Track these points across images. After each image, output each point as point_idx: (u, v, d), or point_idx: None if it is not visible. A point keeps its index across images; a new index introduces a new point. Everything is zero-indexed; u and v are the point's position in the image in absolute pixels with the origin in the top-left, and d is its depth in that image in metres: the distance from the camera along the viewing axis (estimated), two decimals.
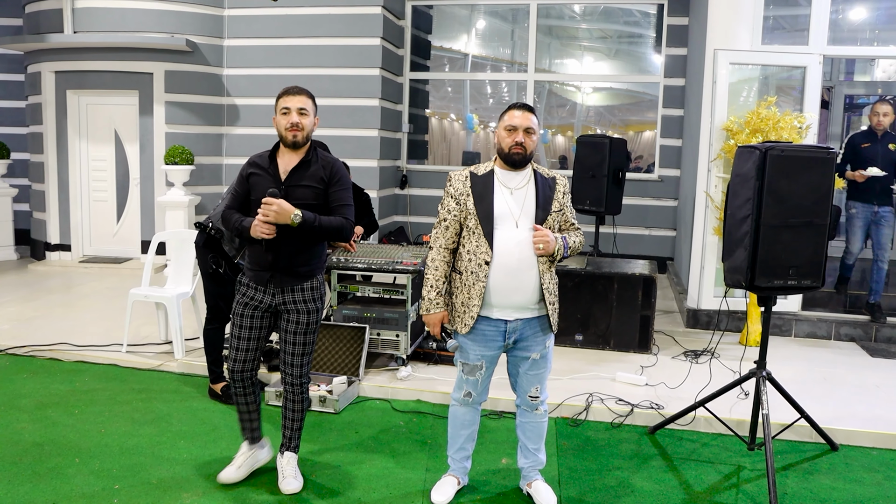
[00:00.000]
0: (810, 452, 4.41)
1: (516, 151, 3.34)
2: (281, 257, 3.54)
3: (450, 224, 3.42)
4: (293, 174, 3.56)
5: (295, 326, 3.64)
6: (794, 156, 3.87)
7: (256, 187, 3.57)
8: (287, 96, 3.56)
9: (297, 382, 3.73)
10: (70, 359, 5.81)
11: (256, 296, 3.62)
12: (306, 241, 3.57)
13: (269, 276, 3.57)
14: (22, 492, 3.66)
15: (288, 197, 3.47)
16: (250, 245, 3.61)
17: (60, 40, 9.19)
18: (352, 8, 9.34)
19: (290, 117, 3.52)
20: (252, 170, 3.62)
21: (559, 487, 3.84)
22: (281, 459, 3.82)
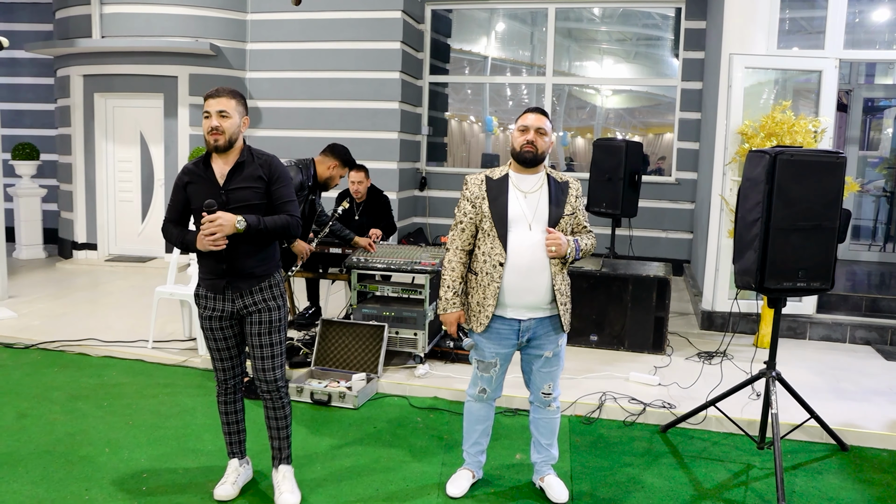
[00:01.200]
0: (820, 453, 4.48)
1: (527, 150, 3.45)
2: (234, 263, 3.44)
3: (466, 226, 3.55)
4: (230, 177, 3.42)
5: (259, 327, 3.52)
6: (804, 160, 3.96)
7: (195, 195, 3.43)
8: (208, 99, 3.39)
9: (275, 388, 3.60)
10: (98, 354, 5.99)
11: (217, 305, 3.50)
12: (256, 244, 3.47)
13: (224, 283, 3.46)
14: (56, 478, 3.83)
15: (229, 201, 3.38)
16: (200, 256, 3.49)
17: (89, 45, 9.41)
18: (372, 12, 9.49)
19: (210, 121, 3.36)
20: (188, 178, 3.46)
21: (571, 482, 3.94)
22: (276, 474, 3.70)
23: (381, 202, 6.94)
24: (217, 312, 3.51)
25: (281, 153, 5.13)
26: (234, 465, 3.76)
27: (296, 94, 9.80)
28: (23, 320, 6.83)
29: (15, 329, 6.51)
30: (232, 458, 3.78)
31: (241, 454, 3.79)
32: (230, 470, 3.75)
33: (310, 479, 3.90)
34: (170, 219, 3.54)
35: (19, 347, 6.11)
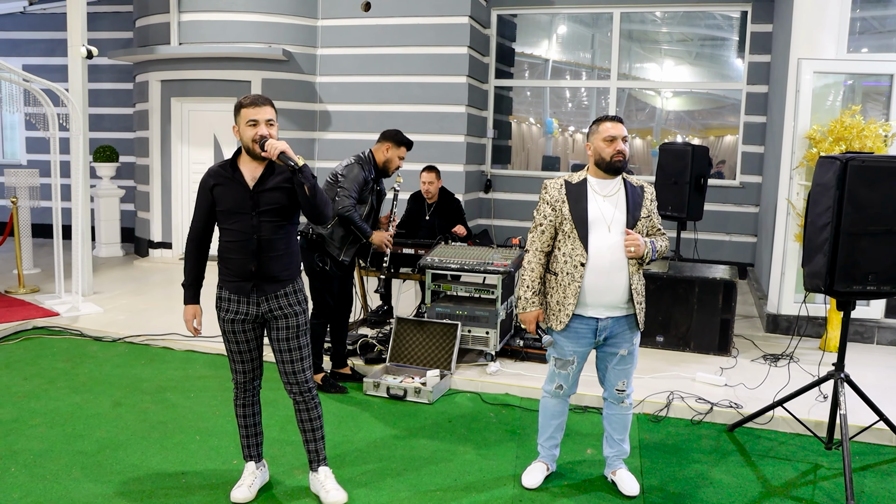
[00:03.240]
0: (889, 455, 4.52)
1: (618, 159, 3.61)
2: (263, 266, 3.50)
3: (546, 228, 3.71)
4: (263, 180, 3.48)
5: (286, 332, 3.59)
6: (875, 166, 4.01)
7: (223, 198, 3.48)
8: (253, 108, 3.43)
9: (306, 389, 3.67)
10: (181, 348, 6.31)
11: (241, 308, 3.56)
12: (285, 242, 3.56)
13: (251, 285, 3.52)
14: (153, 462, 4.11)
15: (259, 203, 3.46)
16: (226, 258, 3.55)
17: (167, 51, 9.83)
18: (440, 18, 9.68)
19: (259, 129, 3.41)
20: (215, 181, 3.50)
21: (641, 477, 4.07)
22: (317, 476, 3.76)
23: (454, 205, 7.10)
24: (241, 315, 3.56)
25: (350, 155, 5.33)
26: (251, 468, 3.81)
27: (364, 98, 10.06)
28: (108, 315, 7.21)
29: (102, 323, 6.88)
30: (249, 462, 3.82)
31: (258, 457, 3.84)
32: (247, 473, 3.79)
33: (390, 471, 4.09)
34: (195, 227, 3.59)
35: (108, 341, 6.47)
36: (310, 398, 3.70)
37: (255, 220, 3.48)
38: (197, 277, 3.66)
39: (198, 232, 3.61)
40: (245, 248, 3.50)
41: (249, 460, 3.84)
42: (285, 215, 3.55)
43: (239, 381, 3.74)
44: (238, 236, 3.50)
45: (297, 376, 3.66)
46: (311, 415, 3.72)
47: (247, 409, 3.79)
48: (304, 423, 3.74)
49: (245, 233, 3.48)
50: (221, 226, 3.56)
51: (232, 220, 3.50)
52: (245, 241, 3.50)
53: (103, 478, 3.90)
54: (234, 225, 3.50)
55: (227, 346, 3.69)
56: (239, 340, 3.63)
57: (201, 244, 3.64)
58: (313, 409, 3.72)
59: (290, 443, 4.43)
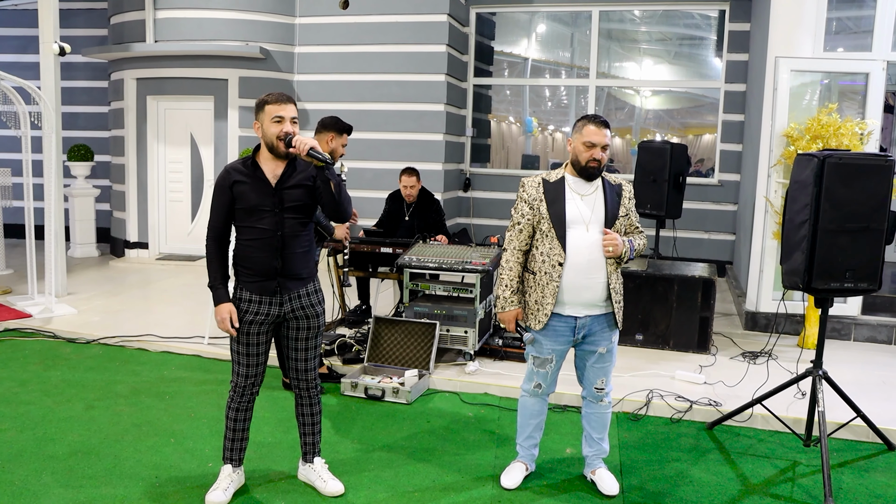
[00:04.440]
0: (866, 451, 4.53)
1: (593, 166, 3.60)
2: (286, 262, 3.51)
3: (523, 227, 3.68)
4: (285, 177, 3.49)
5: (306, 332, 3.63)
6: (852, 163, 4.01)
7: (244, 196, 3.48)
8: (279, 104, 3.45)
9: (314, 386, 3.75)
10: (156, 349, 6.22)
11: (262, 309, 3.53)
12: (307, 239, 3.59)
13: (276, 284, 3.52)
14: (127, 466, 4.03)
15: (283, 200, 3.47)
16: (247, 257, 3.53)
17: (143, 49, 9.72)
18: (418, 16, 9.64)
19: (284, 126, 3.43)
20: (236, 177, 3.49)
21: (621, 476, 4.05)
22: (312, 467, 3.83)
23: (433, 206, 7.07)
24: (261, 317, 3.54)
25: None
26: (228, 470, 3.74)
27: (343, 97, 9.99)
28: (82, 316, 7.11)
29: (76, 325, 6.78)
30: (227, 464, 3.76)
31: (238, 461, 3.78)
32: (223, 476, 3.73)
33: (369, 471, 4.05)
34: (215, 226, 3.55)
35: (81, 342, 6.37)
36: (315, 394, 3.78)
37: (279, 218, 3.49)
38: (224, 276, 3.61)
39: (218, 230, 3.57)
40: (269, 245, 3.49)
41: (228, 463, 3.78)
42: (307, 213, 3.58)
43: (239, 384, 3.67)
44: (260, 234, 3.50)
45: (309, 374, 3.72)
46: (314, 409, 3.80)
47: (240, 414, 3.72)
48: (306, 416, 3.81)
49: (269, 230, 3.48)
50: (242, 224, 3.53)
51: (254, 218, 3.49)
52: (269, 239, 3.49)
53: (74, 483, 3.82)
54: (255, 223, 3.50)
55: (235, 348, 3.63)
56: (251, 343, 3.60)
57: (222, 243, 3.61)
58: (316, 403, 3.80)
59: (270, 445, 4.37)
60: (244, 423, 3.74)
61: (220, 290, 3.55)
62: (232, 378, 3.70)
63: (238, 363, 3.64)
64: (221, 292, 3.56)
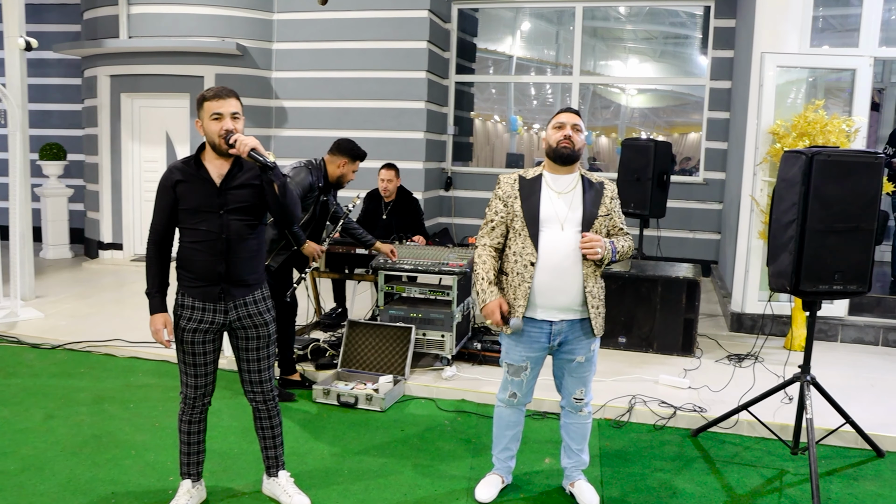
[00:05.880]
0: (855, 458, 4.39)
1: (564, 145, 3.40)
2: (231, 266, 3.30)
3: (496, 225, 3.50)
4: (230, 177, 3.30)
5: (256, 342, 3.45)
6: (841, 161, 3.87)
7: (187, 196, 3.27)
8: (217, 100, 3.22)
9: (270, 398, 3.56)
10: (124, 355, 6.01)
11: (206, 317, 3.33)
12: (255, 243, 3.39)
13: (219, 290, 3.31)
14: (82, 481, 3.82)
15: (227, 201, 3.27)
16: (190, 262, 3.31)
17: (116, 45, 9.47)
18: (398, 12, 9.45)
19: (223, 123, 3.21)
20: (179, 177, 3.28)
21: (602, 488, 3.88)
22: (276, 481, 3.67)
23: (412, 205, 6.90)
24: (204, 325, 3.34)
25: (306, 153, 5.08)
26: (187, 486, 3.58)
27: (321, 94, 9.79)
28: (49, 320, 6.87)
29: (42, 329, 6.55)
30: (185, 479, 3.58)
31: (196, 476, 3.61)
32: (182, 492, 3.56)
33: (338, 484, 3.87)
34: (156, 228, 3.34)
35: (46, 348, 6.14)
36: (273, 405, 3.59)
37: (224, 219, 3.28)
38: (162, 283, 3.38)
39: (159, 233, 3.35)
40: (212, 248, 3.28)
41: (187, 478, 3.59)
42: (254, 214, 3.36)
43: (189, 395, 3.47)
44: (204, 236, 3.28)
45: (264, 385, 3.53)
46: (273, 422, 3.62)
47: (192, 426, 3.53)
48: (266, 429, 3.62)
49: (212, 232, 3.27)
50: (185, 226, 3.31)
51: (197, 219, 3.28)
52: (212, 242, 3.28)
53: (24, 500, 3.60)
54: (199, 224, 3.28)
55: (180, 358, 3.42)
56: (197, 353, 3.38)
57: (164, 246, 3.38)
58: (274, 416, 3.61)
59: (234, 456, 4.19)
60: (199, 436, 3.56)
61: (155, 299, 3.35)
62: (181, 389, 3.49)
63: (185, 374, 3.44)
64: (156, 301, 3.35)
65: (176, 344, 3.41)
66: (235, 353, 3.50)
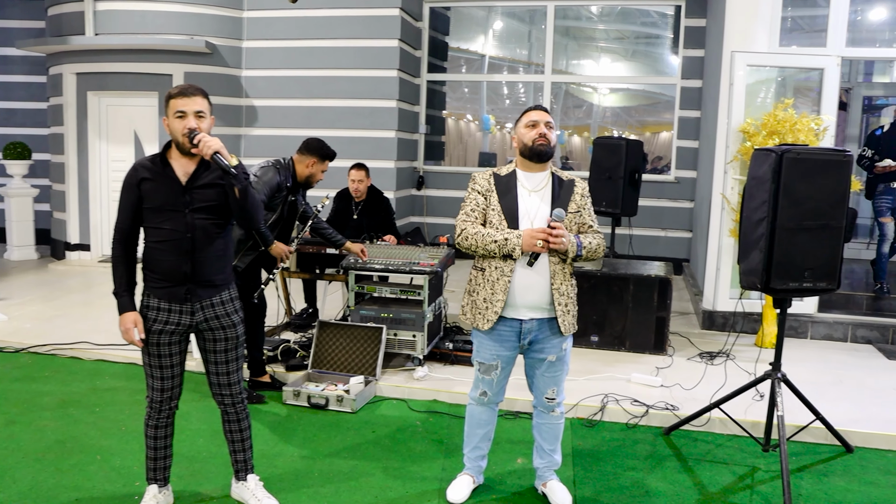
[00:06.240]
0: (825, 454, 4.42)
1: (540, 143, 3.38)
2: (196, 266, 3.24)
3: (478, 215, 3.44)
4: (196, 176, 3.23)
5: (224, 344, 3.38)
6: (811, 159, 3.89)
7: (152, 194, 3.20)
8: (181, 98, 3.15)
9: (239, 400, 3.50)
10: (91, 357, 5.89)
11: (172, 318, 3.26)
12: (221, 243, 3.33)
13: (184, 290, 3.25)
14: (45, 488, 3.73)
15: (193, 200, 3.21)
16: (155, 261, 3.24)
17: (82, 42, 9.31)
18: (369, 10, 9.41)
19: (187, 121, 3.13)
20: (144, 174, 3.21)
21: (574, 487, 3.86)
22: (245, 485, 3.60)
23: (383, 205, 6.84)
24: (171, 326, 3.26)
25: (277, 152, 5.01)
26: (153, 491, 3.50)
27: (292, 93, 9.71)
28: (13, 323, 6.72)
29: (5, 332, 6.40)
30: (152, 484, 3.50)
31: (163, 481, 3.53)
32: (147, 497, 3.48)
33: (308, 487, 3.82)
34: (121, 227, 3.26)
35: (9, 351, 6.00)
36: (242, 408, 3.52)
37: (189, 219, 3.21)
38: (129, 282, 3.29)
39: (124, 232, 3.27)
40: (177, 248, 3.21)
41: (153, 483, 3.51)
42: (221, 214, 3.28)
43: (155, 399, 3.39)
44: (170, 235, 3.21)
45: (232, 388, 3.47)
46: (242, 425, 3.55)
47: (159, 431, 3.45)
48: (234, 433, 3.56)
49: (177, 231, 3.20)
50: (150, 225, 3.24)
51: (162, 218, 3.21)
52: (177, 241, 3.21)
53: None
54: (165, 223, 3.21)
55: (146, 361, 3.34)
56: (162, 354, 3.30)
57: (130, 245, 3.30)
58: (243, 419, 3.54)
59: (202, 460, 4.11)
60: (166, 441, 3.48)
61: (123, 299, 3.26)
62: (147, 393, 3.41)
63: (151, 376, 3.35)
64: (125, 300, 3.26)
65: (143, 345, 3.33)
66: (203, 354, 3.42)
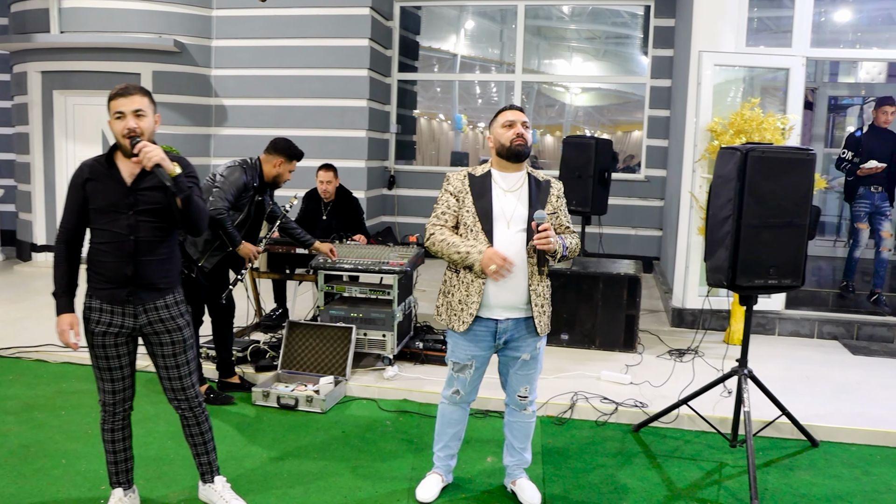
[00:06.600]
0: (791, 449, 4.48)
1: (518, 143, 3.37)
2: (139, 269, 3.18)
3: (449, 218, 3.43)
4: (142, 178, 3.15)
5: (171, 348, 3.32)
6: (775, 157, 3.94)
7: (97, 195, 3.15)
8: (119, 98, 3.08)
9: (196, 404, 3.43)
10: (56, 360, 5.80)
11: (115, 320, 3.20)
12: (167, 246, 3.27)
13: (126, 293, 3.19)
14: (7, 493, 3.67)
15: (137, 202, 3.14)
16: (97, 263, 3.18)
17: (46, 40, 9.18)
18: (340, 9, 9.37)
19: (126, 122, 3.07)
20: (88, 175, 3.17)
21: (543, 485, 3.87)
22: (212, 487, 3.57)
23: (352, 205, 6.81)
24: (114, 328, 3.21)
25: (247, 152, 4.98)
26: (119, 494, 3.45)
27: (262, 92, 9.65)
28: None
29: None
30: (116, 488, 3.46)
31: (127, 483, 3.48)
32: (114, 500, 3.45)
33: (277, 488, 3.79)
34: (66, 227, 3.21)
35: None
36: (199, 412, 3.46)
37: (133, 220, 3.15)
38: (70, 283, 3.25)
39: (69, 232, 3.22)
40: (120, 250, 3.16)
41: (118, 487, 3.47)
42: (166, 216, 3.22)
43: (107, 402, 3.34)
44: (113, 237, 3.15)
45: (187, 392, 3.40)
46: (202, 428, 3.49)
47: (115, 434, 3.40)
48: (195, 436, 3.50)
49: (121, 234, 3.15)
50: (94, 226, 3.20)
51: (106, 219, 3.16)
52: (121, 243, 3.15)
53: None
54: (108, 225, 3.15)
55: (94, 364, 3.29)
56: (109, 356, 3.25)
57: (73, 246, 3.25)
58: (203, 422, 3.48)
59: (170, 461, 4.07)
60: (124, 443, 3.43)
61: (62, 300, 3.22)
62: (99, 396, 3.35)
63: (101, 379, 3.31)
64: (63, 302, 3.22)
65: (89, 349, 3.29)
66: (152, 360, 3.37)
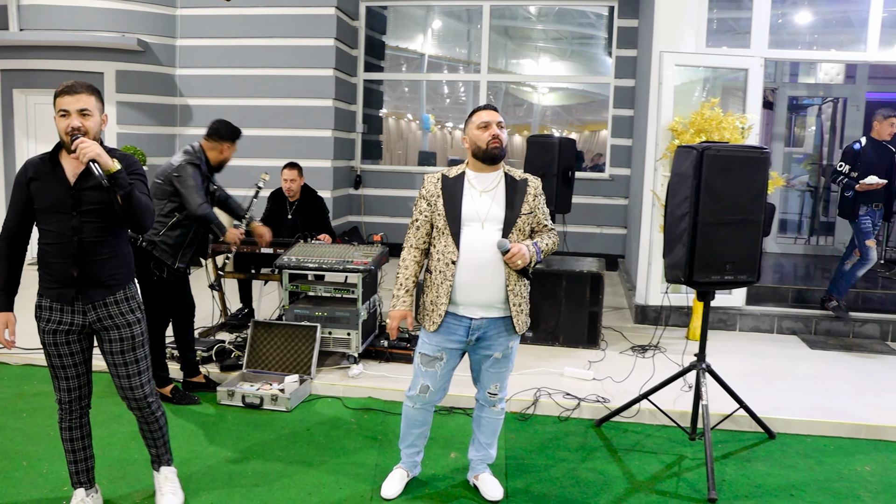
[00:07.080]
0: (749, 441, 4.57)
1: (494, 145, 3.39)
2: (86, 269, 3.16)
3: (421, 225, 3.48)
4: (84, 177, 3.12)
5: (120, 345, 3.28)
6: (730, 155, 4.02)
7: (40, 194, 3.13)
8: (65, 96, 3.03)
9: (145, 405, 3.40)
10: (18, 362, 5.74)
11: (64, 318, 3.20)
12: (112, 244, 3.24)
13: (73, 292, 3.17)
14: None
15: (80, 202, 3.11)
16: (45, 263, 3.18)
17: (5, 38, 9.05)
18: (305, 8, 9.36)
19: (70, 120, 3.02)
20: (32, 174, 3.14)
21: (506, 479, 3.92)
22: (158, 476, 3.60)
23: (317, 204, 6.81)
24: (64, 326, 3.20)
25: None
26: (81, 495, 3.44)
27: (227, 92, 9.61)
28: None
29: None
30: (78, 489, 3.45)
31: (88, 483, 3.47)
32: (76, 501, 3.44)
33: (241, 486, 3.80)
34: (9, 225, 3.20)
35: None
36: (149, 413, 3.45)
37: (76, 221, 3.13)
38: (9, 281, 3.24)
39: (12, 231, 3.21)
40: (65, 250, 3.14)
41: (79, 487, 3.46)
42: (111, 216, 3.19)
43: (63, 399, 3.34)
44: (57, 238, 3.13)
45: (135, 391, 3.36)
46: (154, 426, 3.51)
47: (73, 433, 3.39)
48: (146, 432, 3.53)
49: (64, 234, 3.13)
50: (40, 226, 3.19)
51: (50, 219, 3.14)
52: (65, 244, 3.13)
53: None
54: (52, 225, 3.13)
55: (48, 362, 3.29)
56: (62, 354, 3.25)
57: (15, 244, 3.23)
58: (154, 421, 3.49)
59: (133, 462, 4.05)
60: (83, 442, 3.43)
61: (4, 298, 3.23)
62: (56, 395, 3.35)
63: (56, 378, 3.31)
64: (1, 300, 3.22)
65: (42, 347, 3.29)
66: (104, 357, 3.34)
